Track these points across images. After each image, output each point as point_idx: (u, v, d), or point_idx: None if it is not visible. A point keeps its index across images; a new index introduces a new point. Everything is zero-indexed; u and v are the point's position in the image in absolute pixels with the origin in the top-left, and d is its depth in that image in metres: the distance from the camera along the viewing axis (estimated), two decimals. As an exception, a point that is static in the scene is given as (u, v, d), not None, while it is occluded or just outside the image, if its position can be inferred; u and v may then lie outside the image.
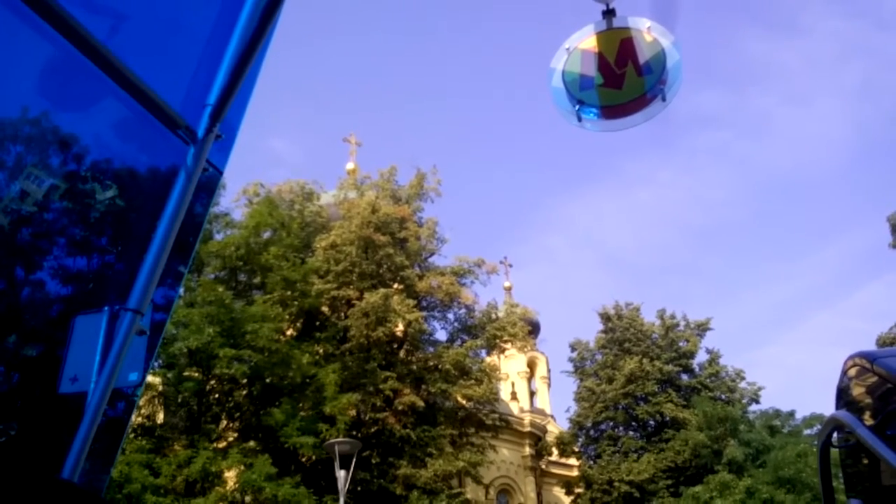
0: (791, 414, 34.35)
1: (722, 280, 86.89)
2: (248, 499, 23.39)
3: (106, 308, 2.57)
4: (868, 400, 3.56)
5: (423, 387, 28.52)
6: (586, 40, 3.68)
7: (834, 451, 3.86)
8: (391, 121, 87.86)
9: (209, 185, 3.12)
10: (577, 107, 3.65)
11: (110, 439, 2.87)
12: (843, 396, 3.79)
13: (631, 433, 37.01)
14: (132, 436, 21.57)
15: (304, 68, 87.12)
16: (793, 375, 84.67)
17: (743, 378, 37.18)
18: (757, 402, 36.49)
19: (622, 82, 3.59)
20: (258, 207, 28.16)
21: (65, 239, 2.85)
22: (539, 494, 41.30)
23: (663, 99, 3.56)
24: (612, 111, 3.64)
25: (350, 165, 43.58)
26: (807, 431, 32.97)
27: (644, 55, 3.57)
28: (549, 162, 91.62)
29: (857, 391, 3.65)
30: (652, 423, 36.69)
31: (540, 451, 41.58)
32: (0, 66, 2.43)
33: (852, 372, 3.68)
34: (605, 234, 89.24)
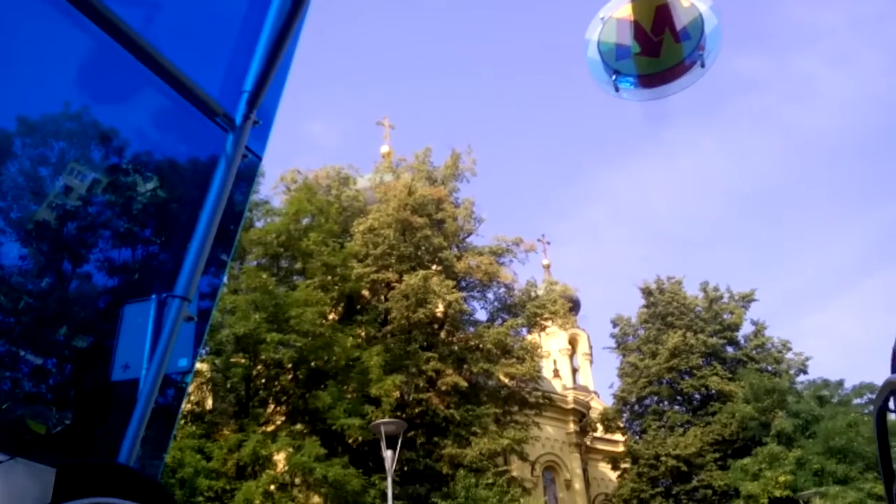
0: (840, 383, 33.77)
1: (767, 249, 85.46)
2: (297, 480, 23.80)
3: (154, 296, 2.61)
4: None
5: (466, 367, 28.61)
6: (621, 9, 3.61)
7: (891, 417, 3.78)
8: (425, 99, 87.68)
9: (249, 173, 3.15)
10: (614, 77, 3.59)
11: (163, 425, 2.92)
12: None
13: (676, 407, 36.72)
14: (183, 422, 22.04)
15: (335, 50, 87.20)
16: (842, 344, 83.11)
17: (789, 349, 36.62)
18: (805, 372, 35.92)
19: (660, 50, 3.52)
20: (297, 194, 28.43)
21: (109, 231, 2.88)
22: (585, 471, 41.28)
23: (702, 65, 3.48)
24: (649, 80, 3.57)
25: (385, 148, 43.64)
26: (857, 401, 32.39)
27: (681, 21, 3.49)
28: (587, 133, 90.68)
29: None
30: (697, 396, 36.37)
31: (584, 427, 41.51)
32: (42, 62, 2.46)
33: None
34: (647, 206, 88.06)
